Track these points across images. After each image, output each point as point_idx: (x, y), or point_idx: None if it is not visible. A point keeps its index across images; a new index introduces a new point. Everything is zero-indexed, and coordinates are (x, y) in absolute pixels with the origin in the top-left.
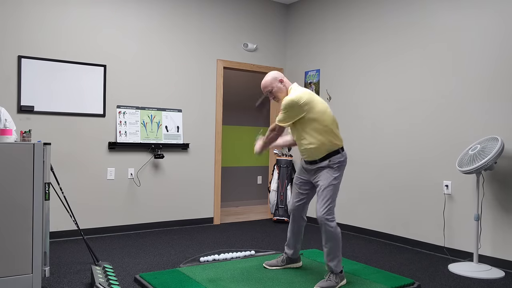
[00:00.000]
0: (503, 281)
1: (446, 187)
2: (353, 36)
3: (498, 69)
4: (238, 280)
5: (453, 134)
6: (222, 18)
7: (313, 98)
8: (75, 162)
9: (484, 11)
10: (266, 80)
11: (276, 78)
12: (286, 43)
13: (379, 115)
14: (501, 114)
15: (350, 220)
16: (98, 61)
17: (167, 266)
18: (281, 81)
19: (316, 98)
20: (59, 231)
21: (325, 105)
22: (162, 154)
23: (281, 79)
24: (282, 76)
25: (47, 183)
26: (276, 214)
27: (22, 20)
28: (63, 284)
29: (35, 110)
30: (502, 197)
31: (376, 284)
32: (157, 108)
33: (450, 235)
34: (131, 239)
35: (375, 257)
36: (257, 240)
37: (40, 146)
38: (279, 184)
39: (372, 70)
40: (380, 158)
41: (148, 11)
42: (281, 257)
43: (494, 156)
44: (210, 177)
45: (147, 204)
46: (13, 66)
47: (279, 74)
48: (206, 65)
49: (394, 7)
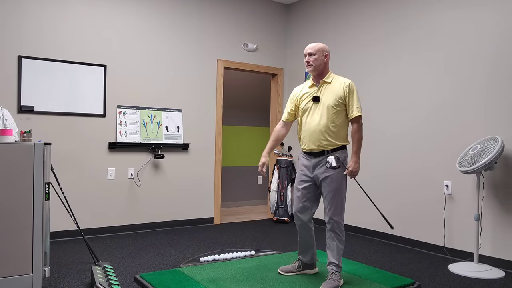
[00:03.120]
0: (503, 281)
1: (446, 187)
2: (353, 36)
3: (498, 69)
4: (238, 280)
5: (453, 134)
6: (222, 18)
7: None
8: (75, 162)
9: (484, 11)
10: (316, 44)
11: (324, 51)
12: (286, 43)
13: (379, 115)
14: (501, 114)
15: (350, 220)
16: (98, 61)
17: (167, 266)
18: (326, 56)
19: None
20: (59, 231)
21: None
22: (162, 154)
23: (327, 55)
24: (328, 54)
25: (47, 183)
26: (276, 214)
27: (22, 19)
28: (63, 284)
29: (35, 110)
30: (502, 197)
31: (376, 284)
32: (157, 108)
33: (450, 235)
34: (131, 239)
35: (375, 257)
36: (257, 240)
37: (40, 146)
38: (279, 184)
39: (372, 70)
40: (380, 158)
41: (148, 10)
42: (296, 262)
43: (494, 156)
44: (210, 177)
45: (147, 204)
46: (13, 66)
47: (328, 49)
48: (206, 65)
49: (394, 7)
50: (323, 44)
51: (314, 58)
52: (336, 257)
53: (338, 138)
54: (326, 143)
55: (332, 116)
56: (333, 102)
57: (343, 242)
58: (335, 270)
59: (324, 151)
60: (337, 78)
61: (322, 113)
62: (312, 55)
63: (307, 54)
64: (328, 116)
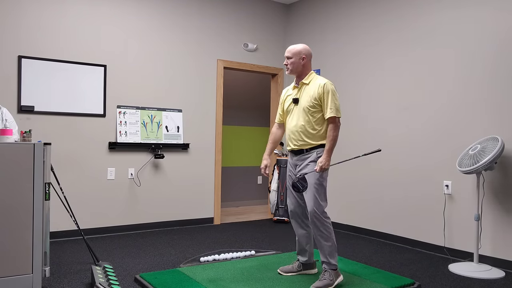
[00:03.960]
0: (503, 281)
1: (446, 187)
2: (354, 36)
3: (498, 68)
4: (238, 280)
5: (453, 134)
6: (222, 18)
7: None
8: (75, 162)
9: (484, 11)
10: (294, 47)
11: (301, 54)
12: (286, 43)
13: (379, 115)
14: (501, 114)
15: (350, 220)
16: (98, 61)
17: (167, 266)
18: (303, 58)
19: None
20: (59, 231)
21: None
22: (162, 154)
23: (305, 57)
24: (309, 56)
25: (47, 183)
26: (276, 214)
27: (21, 19)
28: (63, 284)
29: (35, 110)
30: (502, 197)
31: (376, 284)
32: (157, 108)
33: (450, 235)
34: (131, 239)
35: (375, 257)
36: (257, 240)
37: (40, 146)
38: (279, 184)
39: (372, 71)
40: (380, 158)
41: (148, 10)
42: (296, 262)
43: (494, 156)
44: (210, 177)
45: (147, 204)
46: (13, 66)
47: (307, 52)
48: (207, 65)
49: (394, 7)
50: (302, 45)
51: (291, 61)
52: (325, 254)
53: (315, 138)
54: (303, 143)
55: (308, 117)
56: (308, 103)
57: (329, 239)
58: (327, 268)
59: (302, 150)
60: (315, 79)
61: (299, 114)
62: (289, 58)
63: (285, 57)
64: (304, 117)
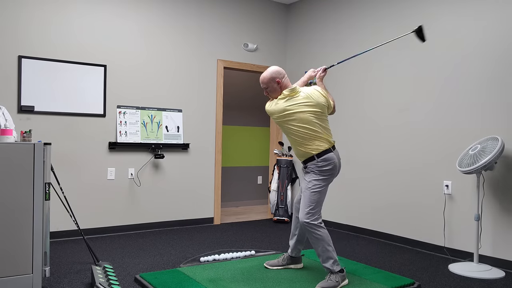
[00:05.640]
0: (503, 281)
1: (446, 187)
2: (353, 36)
3: (498, 68)
4: (238, 280)
5: (453, 134)
6: (222, 18)
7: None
8: (75, 162)
9: (484, 11)
10: (264, 76)
11: (274, 79)
12: (286, 43)
13: (379, 115)
14: (501, 114)
15: (350, 220)
16: (98, 61)
17: (167, 266)
18: (278, 82)
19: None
20: (59, 231)
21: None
22: (162, 154)
23: (279, 80)
24: (281, 75)
25: (47, 183)
26: (276, 214)
27: (22, 19)
28: (63, 284)
29: (35, 110)
30: (502, 197)
31: (376, 284)
32: (157, 108)
33: (450, 235)
34: (131, 239)
35: (375, 257)
36: (257, 240)
37: (40, 146)
38: (279, 184)
39: (372, 70)
40: (380, 158)
41: (148, 10)
42: (283, 256)
43: (494, 156)
44: (210, 177)
45: (147, 204)
46: (13, 66)
47: (278, 74)
48: (207, 65)
49: (394, 8)
50: (271, 70)
51: (268, 90)
52: (323, 261)
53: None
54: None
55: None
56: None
57: (319, 245)
58: (331, 272)
59: (304, 160)
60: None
61: (293, 133)
62: (265, 88)
63: (261, 86)
64: (302, 131)
